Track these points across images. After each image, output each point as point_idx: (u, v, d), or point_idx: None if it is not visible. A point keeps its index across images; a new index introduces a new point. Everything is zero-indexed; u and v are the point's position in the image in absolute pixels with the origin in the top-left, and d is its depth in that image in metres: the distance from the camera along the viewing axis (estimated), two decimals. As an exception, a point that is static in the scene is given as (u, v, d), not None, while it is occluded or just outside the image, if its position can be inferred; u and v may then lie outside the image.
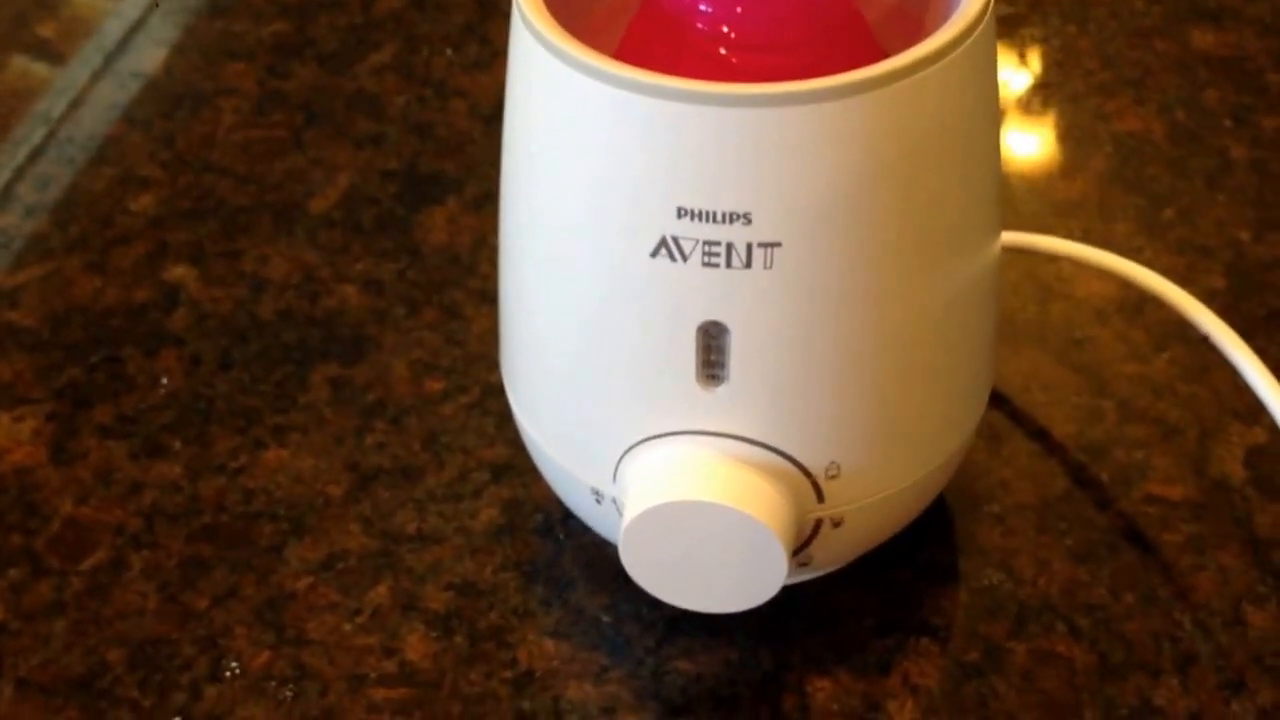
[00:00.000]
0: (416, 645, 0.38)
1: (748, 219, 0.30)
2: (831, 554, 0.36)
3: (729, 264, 0.31)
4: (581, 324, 0.33)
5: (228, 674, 0.38)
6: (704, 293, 0.31)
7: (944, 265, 0.33)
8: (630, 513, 0.33)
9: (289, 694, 0.37)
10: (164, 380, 0.45)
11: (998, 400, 0.43)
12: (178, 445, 0.43)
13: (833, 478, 0.34)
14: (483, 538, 0.41)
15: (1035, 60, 0.56)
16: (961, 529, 0.40)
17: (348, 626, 0.39)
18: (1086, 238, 0.45)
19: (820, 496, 0.34)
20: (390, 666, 0.38)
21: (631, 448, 0.34)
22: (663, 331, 0.32)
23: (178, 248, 0.50)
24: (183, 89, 0.57)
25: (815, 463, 0.33)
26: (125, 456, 0.43)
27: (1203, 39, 0.57)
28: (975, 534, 0.40)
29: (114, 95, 0.57)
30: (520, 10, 0.32)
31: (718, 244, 0.30)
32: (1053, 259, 0.46)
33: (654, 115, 0.30)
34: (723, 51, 0.32)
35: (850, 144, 0.30)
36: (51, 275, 0.49)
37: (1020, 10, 0.58)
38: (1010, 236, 0.43)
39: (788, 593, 0.38)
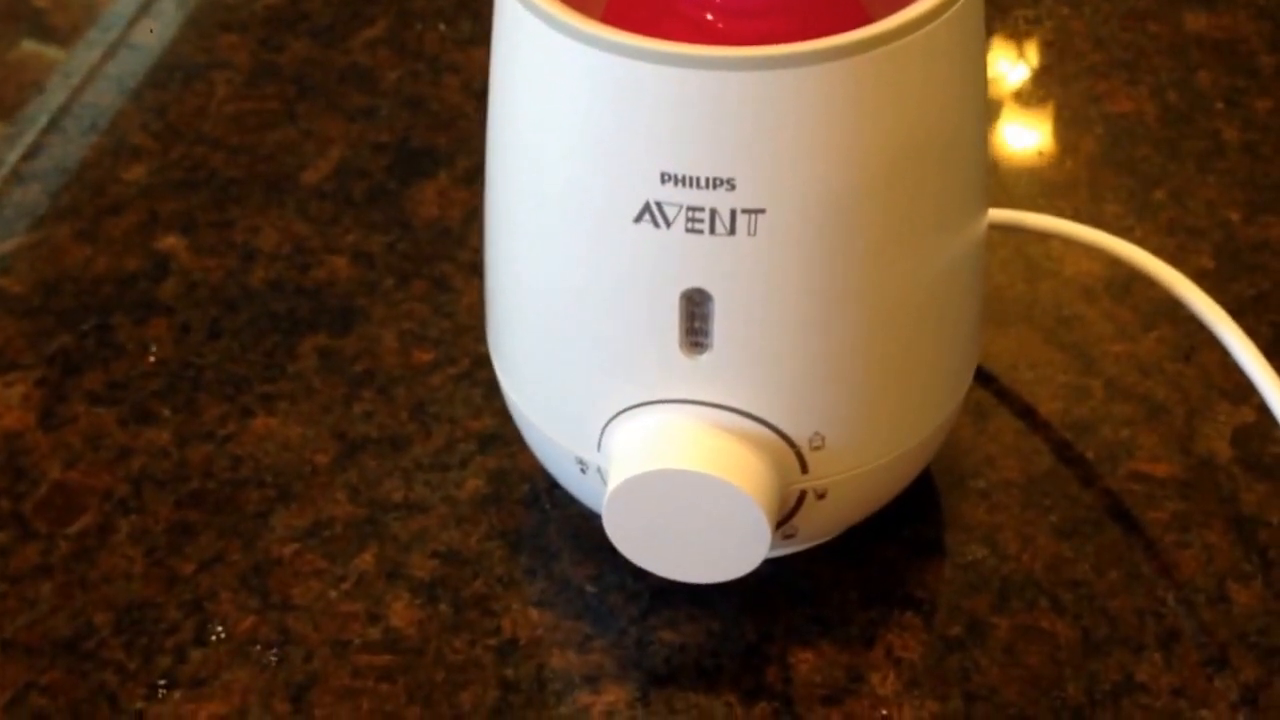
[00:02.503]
0: (401, 612, 0.38)
1: (731, 184, 0.30)
2: (816, 526, 0.36)
3: (713, 230, 0.31)
4: (565, 291, 0.33)
5: (213, 638, 0.38)
6: (687, 259, 0.31)
7: (931, 235, 0.33)
8: (613, 481, 0.33)
9: (274, 659, 0.37)
10: (153, 348, 0.45)
11: (985, 377, 0.43)
12: (166, 412, 0.43)
13: (817, 449, 0.34)
14: (468, 507, 0.41)
15: (1028, 42, 0.56)
16: (946, 504, 0.40)
17: (333, 593, 0.39)
18: (1077, 218, 0.45)
19: (804, 468, 0.34)
20: (375, 633, 0.38)
21: (615, 416, 0.34)
22: (646, 298, 0.32)
23: (169, 217, 0.50)
24: (175, 61, 0.57)
25: (799, 433, 0.33)
26: (114, 423, 0.43)
27: (1195, 21, 0.57)
28: (960, 509, 0.40)
29: (107, 66, 0.57)
30: None
31: (701, 209, 0.30)
32: (1042, 237, 0.46)
33: (637, 78, 0.30)
34: (708, 17, 0.32)
35: (834, 109, 0.30)
36: (42, 243, 0.49)
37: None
38: (1001, 214, 0.43)
39: (772, 565, 0.38)
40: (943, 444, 0.37)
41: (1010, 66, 0.55)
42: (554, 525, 0.40)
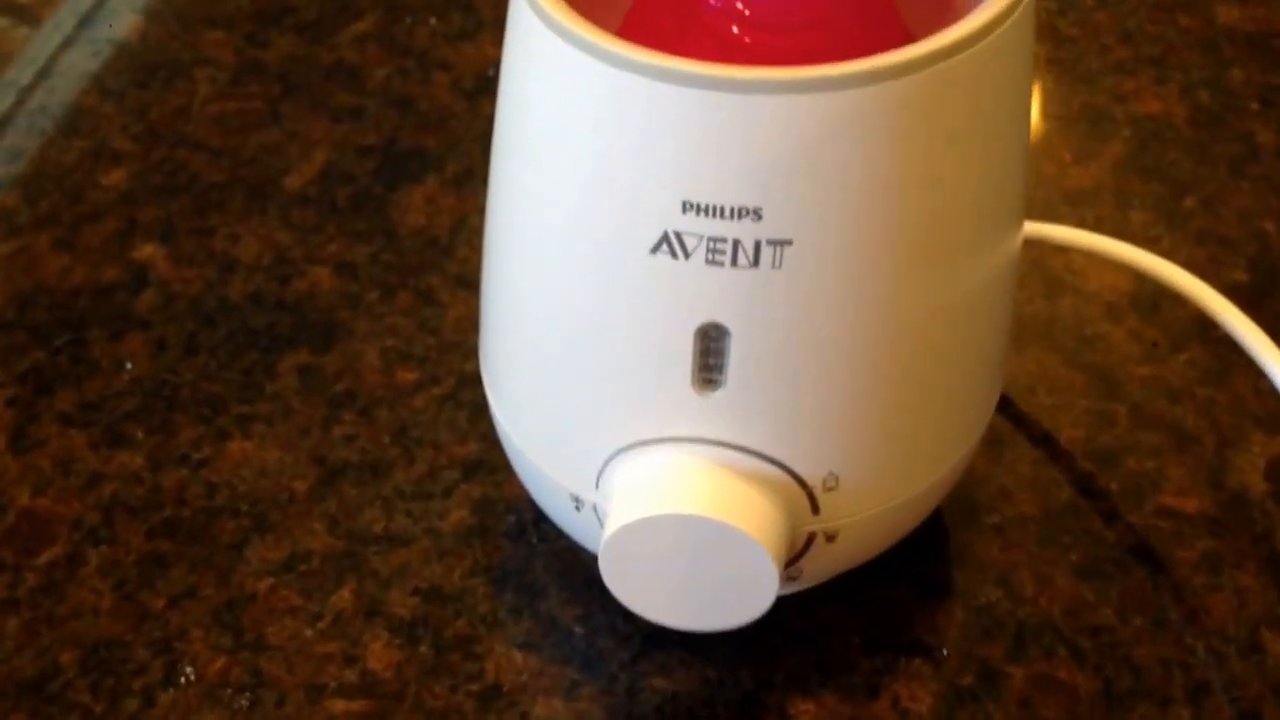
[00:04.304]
0: (379, 654, 0.36)
1: (758, 214, 0.28)
2: (822, 568, 0.35)
3: (734, 262, 0.29)
4: (572, 321, 0.31)
5: (183, 680, 0.36)
6: (706, 293, 0.29)
7: (965, 265, 0.31)
8: (612, 525, 0.31)
9: (245, 703, 0.35)
10: (128, 365, 0.43)
11: (1001, 402, 0.40)
12: (140, 434, 0.42)
13: (830, 490, 0.32)
14: (452, 539, 0.39)
15: (1050, 35, 0.53)
16: (958, 541, 0.38)
17: (308, 632, 0.37)
18: (1100, 227, 0.43)
19: (816, 509, 0.32)
20: (351, 676, 0.36)
21: (617, 453, 0.32)
22: (659, 332, 0.30)
23: (148, 225, 0.48)
24: (158, 57, 0.55)
25: (813, 474, 0.31)
26: (86, 446, 0.41)
27: (1229, 14, 0.54)
28: (973, 546, 0.37)
29: (86, 63, 0.54)
30: None
31: (724, 240, 0.28)
32: (1062, 249, 0.43)
33: (661, 100, 0.27)
34: (735, 30, 0.30)
35: (872, 135, 0.28)
36: (19, 253, 0.47)
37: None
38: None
39: (771, 606, 0.36)
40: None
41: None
42: (540, 560, 0.38)
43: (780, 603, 0.36)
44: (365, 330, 0.44)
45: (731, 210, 0.28)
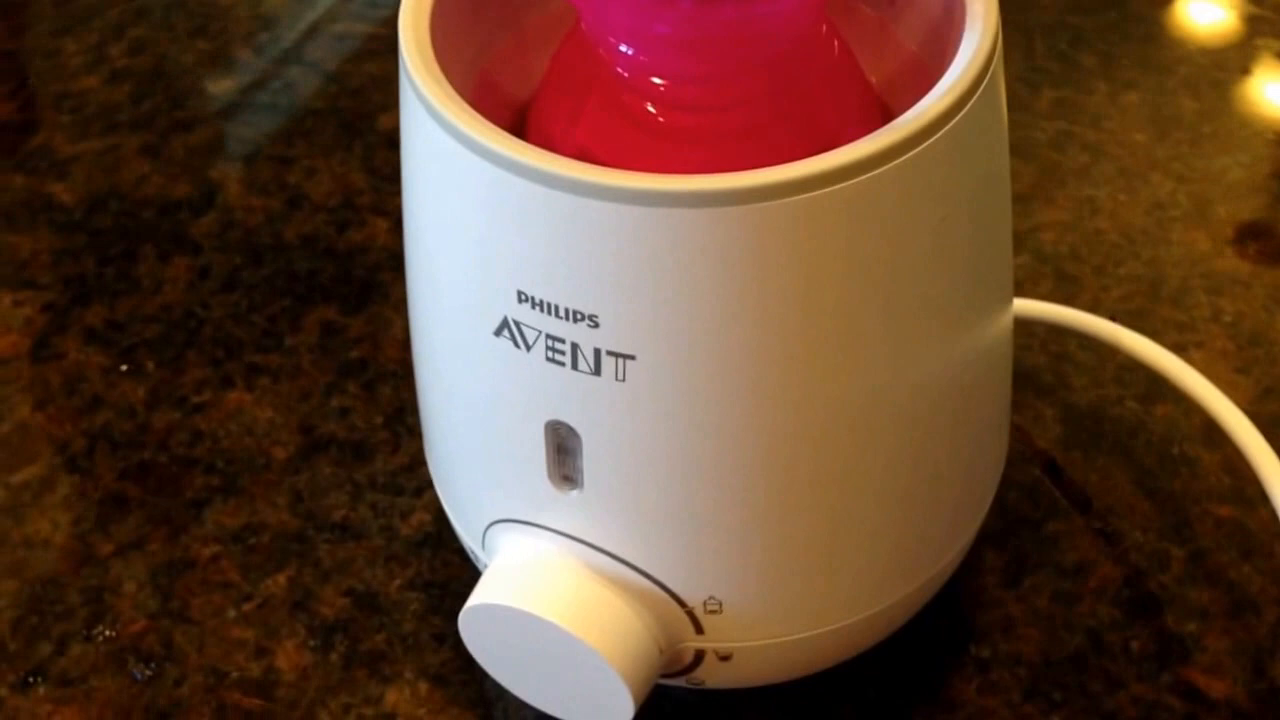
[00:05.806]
0: (290, 653, 0.34)
1: (594, 321, 0.24)
2: (731, 680, 0.30)
3: (575, 366, 0.25)
4: (442, 389, 0.29)
5: (99, 636, 0.34)
6: (548, 390, 0.26)
7: (855, 393, 0.25)
8: (472, 599, 0.29)
9: (148, 673, 0.34)
10: (165, 289, 0.42)
11: (1041, 512, 0.34)
12: (151, 366, 0.40)
13: (714, 612, 0.28)
14: (404, 544, 0.36)
15: (1265, 80, 0.45)
16: (933, 668, 0.32)
17: (232, 612, 0.35)
18: (1237, 326, 0.35)
19: (699, 628, 0.28)
20: (255, 670, 0.34)
21: (496, 523, 0.29)
22: (509, 420, 0.27)
23: (235, 142, 0.46)
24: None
25: (690, 594, 0.28)
26: (98, 368, 0.40)
27: None
28: (949, 678, 0.32)
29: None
30: (402, 43, 0.26)
31: (562, 341, 0.25)
32: (1178, 345, 0.36)
33: (498, 186, 0.24)
34: (650, 109, 0.26)
35: (734, 256, 0.23)
36: (108, 152, 0.46)
37: (1264, 11, 0.47)
38: (1077, 317, 0.34)
39: (697, 695, 0.31)
40: (940, 591, 0.30)
41: (1225, 110, 0.44)
42: (483, 588, 0.34)
43: (710, 695, 0.32)
44: (399, 297, 0.41)
45: (566, 312, 0.25)
